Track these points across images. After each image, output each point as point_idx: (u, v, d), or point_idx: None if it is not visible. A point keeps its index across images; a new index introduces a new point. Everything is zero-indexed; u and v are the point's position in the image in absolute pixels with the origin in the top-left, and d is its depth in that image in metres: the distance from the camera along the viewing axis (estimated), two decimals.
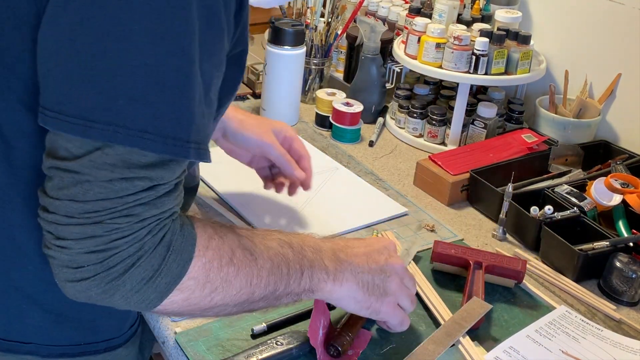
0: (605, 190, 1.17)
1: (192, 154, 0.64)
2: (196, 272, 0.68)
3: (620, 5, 1.41)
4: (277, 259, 0.74)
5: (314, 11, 1.61)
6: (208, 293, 0.69)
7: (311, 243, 0.80)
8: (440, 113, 1.45)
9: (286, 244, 0.76)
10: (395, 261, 0.86)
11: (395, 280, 0.85)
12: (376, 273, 0.83)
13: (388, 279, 0.84)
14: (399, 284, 0.85)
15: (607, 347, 0.94)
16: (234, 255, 0.71)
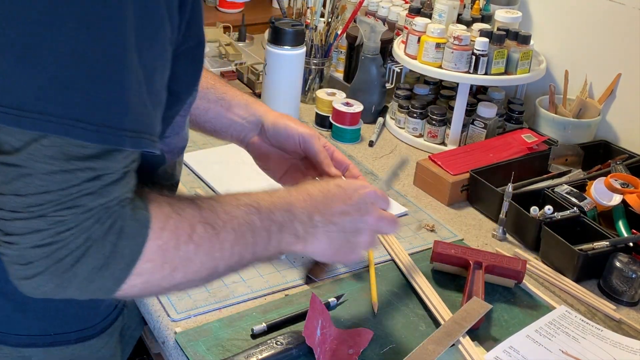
0: (605, 190, 1.17)
1: (128, 142, 0.63)
2: (152, 255, 0.67)
3: (620, 5, 1.42)
4: (241, 228, 0.73)
5: (314, 11, 1.61)
6: (168, 273, 0.69)
7: (284, 204, 0.78)
8: (440, 113, 1.45)
9: (253, 210, 0.75)
10: (370, 216, 0.85)
11: (367, 235, 0.85)
12: (350, 232, 0.83)
13: (360, 234, 0.84)
14: (370, 236, 0.85)
15: (607, 347, 0.94)
16: (194, 231, 0.70)
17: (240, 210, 0.74)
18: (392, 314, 0.98)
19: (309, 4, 1.64)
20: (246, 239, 0.74)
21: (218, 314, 0.95)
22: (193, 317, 0.94)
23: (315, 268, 0.89)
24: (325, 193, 0.83)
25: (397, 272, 1.07)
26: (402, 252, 1.10)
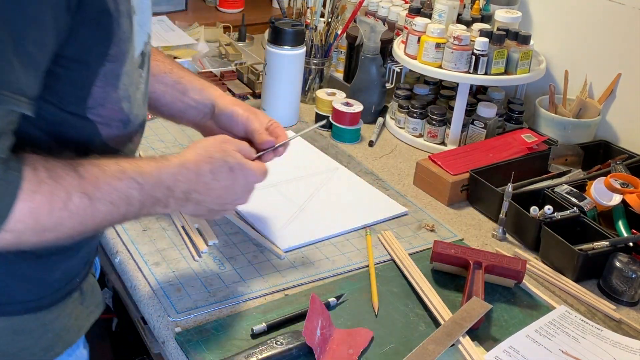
0: (605, 190, 1.17)
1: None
2: (23, 216, 0.70)
3: (620, 5, 1.42)
4: (119, 201, 0.78)
5: (314, 11, 1.61)
6: (39, 233, 0.73)
7: (169, 182, 0.83)
8: (440, 113, 1.45)
9: (135, 185, 0.79)
10: (242, 202, 0.94)
11: (231, 209, 0.95)
12: (216, 207, 0.91)
13: (225, 210, 0.94)
14: (241, 199, 0.94)
15: (607, 347, 0.94)
16: (70, 200, 0.73)
17: (122, 183, 0.78)
18: (392, 314, 0.98)
19: (309, 4, 1.64)
20: (120, 210, 0.78)
21: (218, 314, 0.95)
22: (193, 317, 0.94)
23: None
24: (215, 174, 0.89)
25: (397, 272, 1.07)
26: (402, 252, 1.10)
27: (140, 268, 1.03)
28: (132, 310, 1.34)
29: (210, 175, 0.88)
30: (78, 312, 0.94)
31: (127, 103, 0.84)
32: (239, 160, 0.91)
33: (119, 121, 0.85)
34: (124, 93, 0.82)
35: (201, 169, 0.87)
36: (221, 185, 0.89)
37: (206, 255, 1.06)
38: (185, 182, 0.85)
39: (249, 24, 2.01)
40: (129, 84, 0.82)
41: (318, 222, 1.16)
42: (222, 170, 0.89)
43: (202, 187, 0.87)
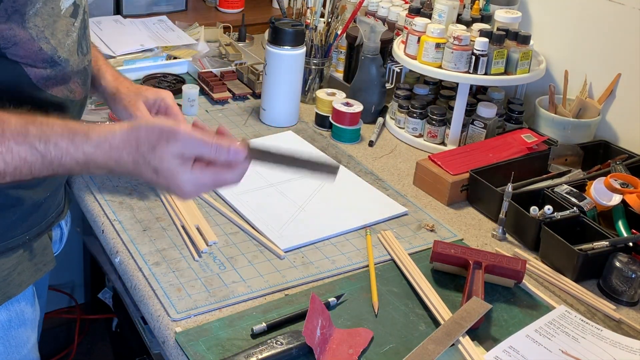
0: (605, 190, 1.17)
1: None
2: None
3: (620, 5, 1.42)
4: (19, 164, 0.78)
5: (314, 11, 1.61)
6: None
7: (78, 158, 0.80)
8: (440, 113, 1.45)
9: (39, 155, 0.78)
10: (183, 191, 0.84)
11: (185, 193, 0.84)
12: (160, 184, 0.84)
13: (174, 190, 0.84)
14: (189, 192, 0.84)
15: (607, 347, 0.94)
16: None
17: (27, 152, 0.78)
18: (392, 314, 0.98)
19: (309, 4, 1.64)
20: (22, 170, 0.78)
21: (218, 314, 0.95)
22: (193, 317, 0.94)
23: None
24: (137, 168, 0.81)
25: (397, 272, 1.07)
26: (402, 252, 1.10)
27: (140, 268, 1.03)
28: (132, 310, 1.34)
29: (132, 165, 0.81)
30: (23, 268, 0.97)
31: (47, 44, 0.88)
32: (167, 167, 0.81)
33: (43, 62, 0.88)
34: (37, 34, 0.86)
35: (122, 158, 0.81)
36: (144, 177, 0.82)
37: (206, 255, 1.07)
38: (101, 163, 0.81)
39: (249, 24, 2.01)
40: (43, 26, 0.87)
41: (318, 222, 1.16)
42: (144, 167, 0.81)
43: (122, 170, 0.82)
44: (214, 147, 0.81)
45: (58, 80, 0.92)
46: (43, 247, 1.01)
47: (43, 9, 0.87)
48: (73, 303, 2.15)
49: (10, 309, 0.98)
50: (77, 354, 2.06)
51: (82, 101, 1.01)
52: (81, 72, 0.97)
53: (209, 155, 0.81)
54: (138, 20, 1.91)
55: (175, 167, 0.80)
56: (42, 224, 1.00)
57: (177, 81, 1.63)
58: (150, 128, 0.81)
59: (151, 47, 1.74)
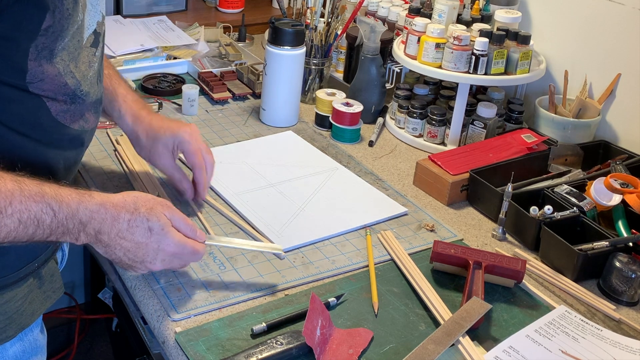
0: (605, 190, 1.17)
1: None
2: None
3: (620, 5, 1.42)
4: (29, 222, 0.79)
5: (314, 11, 1.61)
6: None
7: (83, 217, 0.84)
8: (440, 113, 1.45)
9: (50, 212, 0.81)
10: (153, 267, 0.91)
11: (143, 270, 0.92)
12: (125, 260, 0.90)
13: (135, 269, 0.92)
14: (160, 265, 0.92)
15: (607, 347, 0.94)
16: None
17: (37, 206, 0.80)
18: (392, 314, 0.98)
19: (309, 4, 1.64)
20: (27, 231, 0.80)
21: (218, 314, 0.95)
22: (193, 317, 0.94)
23: None
24: (131, 226, 0.88)
25: (397, 272, 1.07)
26: (402, 252, 1.10)
27: None
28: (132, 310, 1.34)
29: (126, 225, 0.87)
30: (34, 297, 0.95)
31: (73, 79, 0.87)
32: (162, 225, 0.90)
33: (64, 95, 0.87)
34: (64, 68, 0.85)
35: (120, 216, 0.87)
36: (134, 239, 0.88)
37: (206, 255, 1.07)
38: (99, 221, 0.86)
39: (249, 24, 2.01)
40: (69, 59, 0.85)
41: (318, 222, 1.16)
42: (140, 225, 0.88)
43: (114, 233, 0.87)
44: (190, 226, 0.93)
45: (76, 114, 0.91)
46: (51, 274, 1.00)
47: (70, 42, 0.85)
48: (73, 303, 2.15)
49: (24, 339, 0.97)
50: (77, 354, 2.06)
51: (93, 130, 1.00)
52: (97, 102, 0.96)
53: (185, 230, 0.93)
54: (138, 20, 1.91)
55: (168, 226, 0.90)
56: (49, 249, 0.98)
57: (177, 81, 1.63)
58: (146, 195, 0.91)
59: (151, 47, 1.74)
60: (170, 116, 1.48)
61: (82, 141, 0.96)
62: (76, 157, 0.98)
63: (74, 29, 0.84)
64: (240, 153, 1.36)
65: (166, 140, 1.13)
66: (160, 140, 1.13)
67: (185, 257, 0.92)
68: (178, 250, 0.91)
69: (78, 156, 0.98)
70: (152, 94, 1.58)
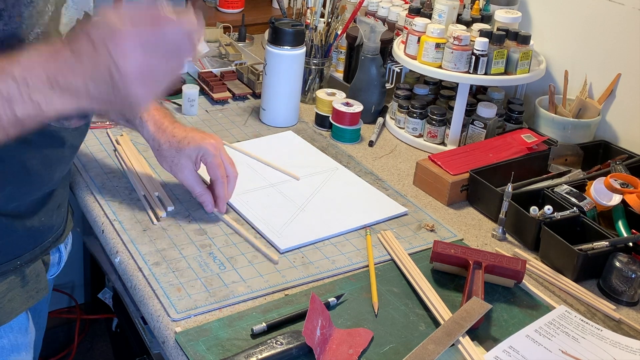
0: (605, 190, 1.17)
1: None
2: None
3: (620, 5, 1.42)
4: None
5: (314, 11, 1.61)
6: None
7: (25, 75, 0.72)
8: (440, 113, 1.45)
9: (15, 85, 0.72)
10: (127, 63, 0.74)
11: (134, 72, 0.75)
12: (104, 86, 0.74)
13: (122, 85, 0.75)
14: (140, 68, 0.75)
15: (607, 347, 0.94)
16: None
17: (3, 78, 0.71)
18: (392, 314, 0.98)
19: (309, 4, 1.64)
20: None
21: (218, 314, 0.95)
22: (193, 317, 0.94)
23: None
24: (77, 55, 0.72)
25: (397, 272, 1.07)
26: (402, 252, 1.10)
27: (140, 268, 1.03)
28: (132, 310, 1.34)
29: (70, 52, 0.73)
30: (14, 295, 0.95)
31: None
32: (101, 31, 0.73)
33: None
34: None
35: (59, 51, 0.74)
36: (84, 64, 0.73)
37: (206, 255, 1.07)
38: (40, 69, 0.73)
39: (249, 24, 2.01)
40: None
41: (318, 222, 1.16)
42: (83, 45, 0.73)
43: (66, 67, 0.73)
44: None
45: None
46: (36, 274, 0.99)
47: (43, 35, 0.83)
48: (73, 303, 2.15)
49: (3, 336, 0.96)
50: (77, 354, 2.07)
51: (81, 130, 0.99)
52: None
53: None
54: None
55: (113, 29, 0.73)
56: (36, 250, 0.98)
57: (177, 81, 1.63)
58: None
59: None
60: None
61: (62, 140, 0.94)
62: (59, 157, 0.96)
63: (44, 19, 0.81)
64: (240, 153, 1.36)
65: (189, 152, 1.11)
66: (184, 152, 1.11)
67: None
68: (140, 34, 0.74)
69: (61, 156, 0.96)
70: None
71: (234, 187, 1.16)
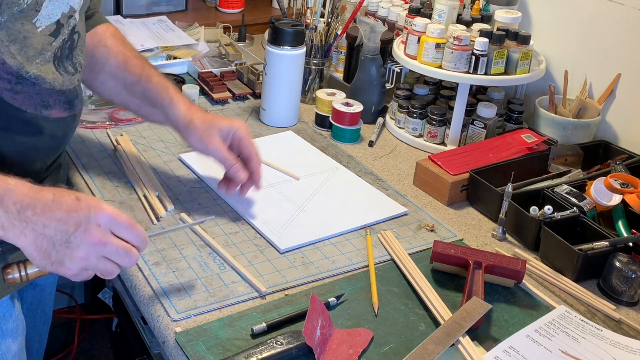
0: (605, 190, 1.17)
1: None
2: None
3: (620, 5, 1.42)
4: None
5: (314, 11, 1.61)
6: None
7: (1, 190, 0.80)
8: (440, 113, 1.45)
9: None
10: (88, 236, 0.82)
11: (79, 253, 0.82)
12: (59, 241, 0.81)
13: (72, 250, 0.82)
14: (84, 257, 0.82)
15: (607, 347, 0.94)
16: None
17: None
18: (392, 314, 0.98)
19: (309, 4, 1.64)
20: None
21: (218, 314, 0.95)
22: (193, 317, 0.94)
23: (8, 267, 0.85)
24: (57, 197, 0.82)
25: (397, 272, 1.07)
26: (402, 252, 1.10)
27: (140, 268, 1.03)
28: (132, 310, 1.34)
29: (52, 196, 0.82)
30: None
31: (12, 59, 0.88)
32: (90, 197, 0.85)
33: (8, 74, 0.88)
34: (1, 47, 0.86)
35: (42, 190, 0.82)
36: (62, 209, 0.81)
37: (206, 255, 1.07)
38: (19, 195, 0.80)
39: (249, 24, 2.01)
40: (8, 40, 0.87)
41: (318, 222, 1.16)
42: (65, 196, 0.82)
43: (40, 206, 0.81)
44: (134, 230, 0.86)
45: (31, 97, 0.92)
46: None
47: (10, 23, 0.86)
48: (73, 303, 2.15)
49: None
50: (77, 354, 2.07)
51: (65, 122, 0.99)
52: (65, 92, 0.97)
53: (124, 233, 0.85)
54: (138, 20, 1.91)
55: (100, 203, 0.83)
56: None
57: (177, 81, 1.63)
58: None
59: (151, 47, 1.74)
60: None
61: (39, 128, 0.95)
62: (36, 145, 0.96)
63: (13, 10, 0.86)
64: None
65: (222, 126, 1.13)
66: (216, 126, 1.13)
67: (115, 246, 0.84)
68: (113, 224, 0.83)
69: (39, 145, 0.96)
70: None
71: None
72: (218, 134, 1.13)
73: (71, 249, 0.81)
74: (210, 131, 1.13)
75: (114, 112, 1.46)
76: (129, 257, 0.85)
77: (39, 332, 1.24)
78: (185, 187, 1.24)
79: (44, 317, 1.22)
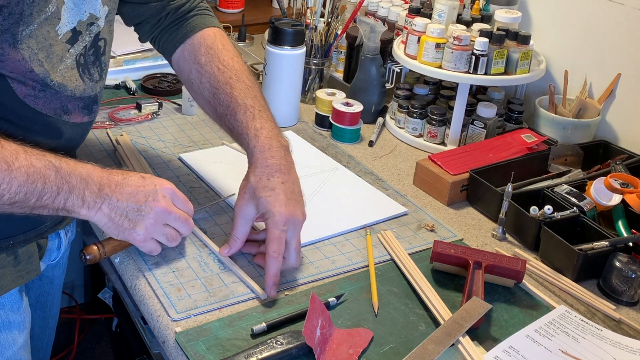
0: (605, 190, 1.17)
1: None
2: None
3: (620, 5, 1.42)
4: (35, 176, 0.86)
5: (313, 11, 1.61)
6: None
7: (83, 173, 0.91)
8: (440, 113, 1.45)
9: (53, 167, 0.88)
10: (157, 205, 0.96)
11: (149, 220, 0.96)
12: (131, 211, 0.95)
13: (143, 217, 0.95)
14: (153, 223, 0.96)
15: (607, 347, 0.94)
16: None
17: (41, 163, 0.87)
18: (392, 314, 0.98)
19: (309, 4, 1.64)
20: (35, 185, 0.86)
21: (218, 314, 0.95)
22: (193, 317, 0.94)
23: (91, 247, 1.00)
24: (126, 177, 0.96)
25: (397, 272, 1.07)
26: (402, 252, 1.10)
27: (140, 268, 1.03)
28: (132, 310, 1.34)
29: (121, 176, 0.96)
30: (5, 272, 0.98)
31: (40, 67, 0.90)
32: (153, 176, 0.99)
33: (33, 81, 0.91)
34: (30, 56, 0.89)
35: (112, 172, 0.96)
36: (131, 186, 0.95)
37: (206, 255, 1.07)
38: (97, 177, 0.93)
39: (249, 24, 2.01)
40: (37, 48, 0.89)
41: (318, 222, 1.16)
42: (132, 175, 0.97)
43: (113, 184, 0.94)
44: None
45: (52, 102, 0.94)
46: (28, 256, 1.01)
47: (38, 31, 0.88)
48: (73, 303, 2.15)
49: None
50: (77, 354, 2.06)
51: (83, 126, 1.01)
52: (85, 99, 0.99)
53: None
54: None
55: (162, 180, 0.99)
56: (30, 233, 1.00)
57: (177, 81, 1.63)
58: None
59: (151, 47, 1.73)
60: (170, 116, 1.48)
61: (59, 131, 0.98)
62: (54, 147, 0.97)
63: (41, 18, 0.88)
64: (239, 153, 1.36)
65: (260, 203, 1.00)
66: (257, 199, 1.00)
67: (178, 214, 0.98)
68: (174, 197, 0.99)
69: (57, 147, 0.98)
70: (152, 94, 1.58)
71: (286, 266, 1.02)
72: (253, 207, 1.01)
73: (142, 216, 0.95)
74: (248, 200, 1.01)
75: (114, 112, 1.46)
76: (187, 225, 1.00)
77: (49, 327, 1.25)
78: (185, 187, 1.24)
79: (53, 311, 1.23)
